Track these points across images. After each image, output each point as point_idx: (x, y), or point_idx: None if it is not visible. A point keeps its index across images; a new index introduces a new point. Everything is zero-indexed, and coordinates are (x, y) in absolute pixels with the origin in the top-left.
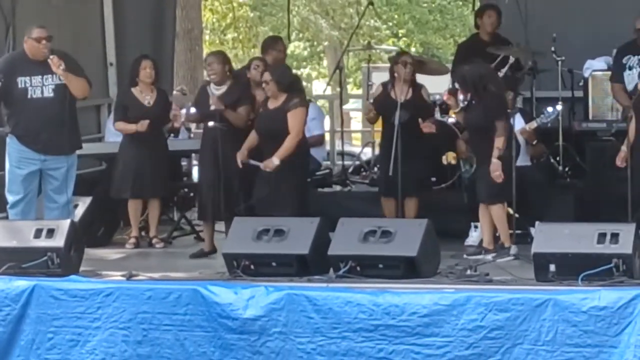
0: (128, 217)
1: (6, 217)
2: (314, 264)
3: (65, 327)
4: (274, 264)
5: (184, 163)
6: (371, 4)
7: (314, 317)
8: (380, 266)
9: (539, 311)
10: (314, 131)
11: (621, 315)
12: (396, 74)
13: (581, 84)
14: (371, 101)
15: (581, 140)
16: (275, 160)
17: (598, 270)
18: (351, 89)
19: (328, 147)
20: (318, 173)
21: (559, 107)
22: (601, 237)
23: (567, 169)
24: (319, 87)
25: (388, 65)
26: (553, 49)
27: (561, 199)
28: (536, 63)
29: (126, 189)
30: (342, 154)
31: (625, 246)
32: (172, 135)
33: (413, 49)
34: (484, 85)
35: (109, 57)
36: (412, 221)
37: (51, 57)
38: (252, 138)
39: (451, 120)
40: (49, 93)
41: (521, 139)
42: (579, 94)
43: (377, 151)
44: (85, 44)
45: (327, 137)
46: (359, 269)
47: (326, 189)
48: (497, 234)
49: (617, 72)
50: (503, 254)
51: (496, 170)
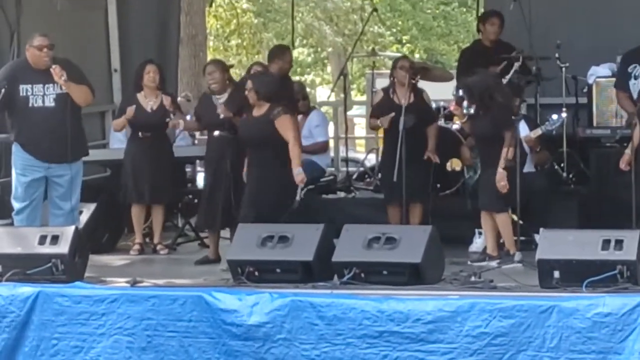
0: (132, 223)
1: (11, 224)
2: (319, 270)
3: (69, 334)
4: (278, 270)
5: (188, 169)
6: (375, 10)
7: (318, 324)
8: (385, 273)
9: (543, 318)
10: (318, 138)
11: (625, 322)
12: (396, 79)
13: (585, 90)
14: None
15: (585, 147)
16: (299, 171)
17: (602, 276)
18: (355, 95)
19: (332, 153)
20: (322, 179)
21: (563, 114)
22: (605, 243)
23: (571, 175)
24: (323, 93)
25: None
26: (557, 55)
27: (565, 205)
28: (540, 69)
29: (130, 193)
30: (347, 160)
31: (629, 253)
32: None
33: (417, 55)
34: (491, 95)
35: (114, 63)
36: (417, 228)
37: (53, 67)
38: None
39: (455, 126)
40: (50, 102)
41: (526, 145)
42: (583, 100)
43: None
44: (89, 50)
45: (331, 143)
46: (363, 275)
47: (330, 196)
48: (501, 241)
49: (621, 79)
50: (507, 260)
51: (502, 180)
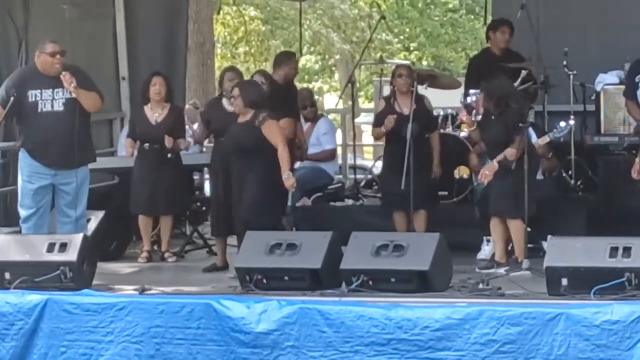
0: (140, 231)
1: (19, 232)
2: (327, 278)
3: (78, 341)
4: (286, 278)
5: (196, 177)
6: (383, 17)
7: (326, 331)
8: (393, 280)
9: (551, 325)
10: (326, 146)
11: (633, 329)
12: (396, 87)
13: (593, 97)
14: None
15: (593, 154)
16: (288, 176)
17: (610, 284)
18: (363, 103)
19: (340, 161)
20: (330, 187)
21: (571, 121)
22: (613, 251)
23: (579, 182)
24: (330, 100)
25: None
26: (565, 62)
27: (573, 212)
28: (548, 77)
29: (139, 205)
30: (354, 167)
31: (637, 260)
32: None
33: (424, 63)
34: (507, 102)
35: (122, 71)
36: (425, 235)
37: (63, 73)
38: None
39: (463, 134)
40: (59, 107)
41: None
42: (590, 107)
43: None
44: (97, 58)
45: (339, 150)
46: (371, 283)
47: (338, 203)
48: (510, 248)
49: (629, 88)
50: (515, 267)
51: (490, 171)
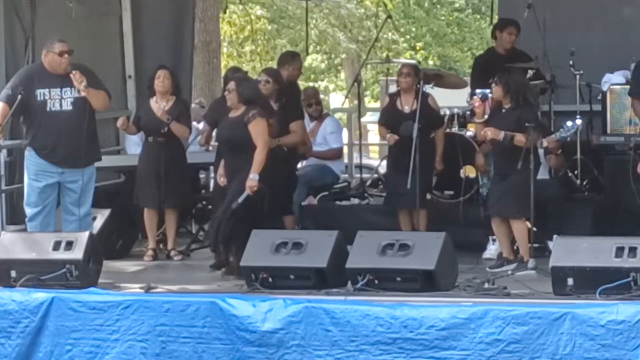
0: (146, 229)
1: (25, 230)
2: (332, 276)
3: (83, 339)
4: (292, 276)
5: (201, 175)
6: (389, 17)
7: (332, 330)
8: (398, 279)
9: (556, 325)
10: (333, 144)
11: (639, 329)
12: (400, 86)
13: (599, 97)
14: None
15: (599, 154)
16: (253, 177)
17: (616, 284)
18: (369, 102)
19: (346, 160)
20: (336, 186)
21: (578, 121)
22: (619, 251)
23: (585, 182)
24: (336, 99)
25: None
26: (571, 62)
27: (579, 212)
28: (554, 77)
29: (143, 198)
30: (360, 166)
31: None
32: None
33: (430, 62)
34: (524, 95)
35: (128, 69)
36: (430, 234)
37: (73, 72)
38: None
39: (469, 133)
40: (67, 106)
41: (541, 153)
42: (597, 107)
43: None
44: (104, 56)
45: (345, 150)
46: (376, 282)
47: (344, 202)
48: (515, 247)
49: (636, 86)
50: (521, 267)
51: (493, 134)
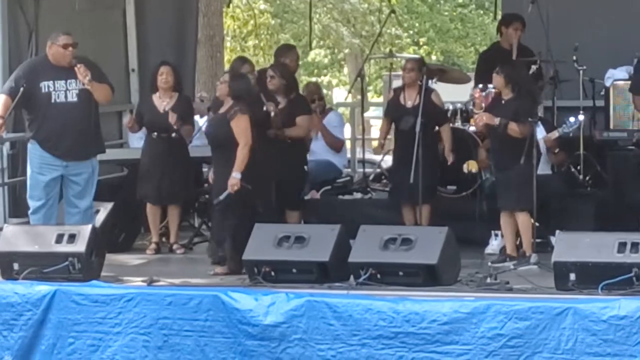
0: (149, 223)
1: (28, 223)
2: (335, 271)
3: (86, 332)
4: (294, 270)
5: (204, 169)
6: (393, 12)
7: (334, 324)
8: (401, 274)
9: (558, 320)
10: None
11: None
12: (403, 80)
13: (602, 93)
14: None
15: (602, 150)
16: (235, 175)
17: (618, 279)
18: (372, 97)
19: (349, 154)
20: (339, 180)
21: (581, 117)
22: (621, 246)
23: (587, 178)
24: (339, 94)
25: None
26: (575, 58)
27: (582, 208)
28: (557, 72)
29: (146, 192)
30: (363, 161)
31: None
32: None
33: (434, 57)
34: (526, 87)
35: (131, 63)
36: (433, 229)
37: (78, 66)
38: None
39: (472, 128)
40: (72, 98)
41: (543, 147)
42: (600, 103)
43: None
44: (107, 50)
45: (348, 144)
46: (379, 276)
47: (347, 196)
48: (518, 242)
49: (637, 83)
50: (524, 262)
51: (488, 119)
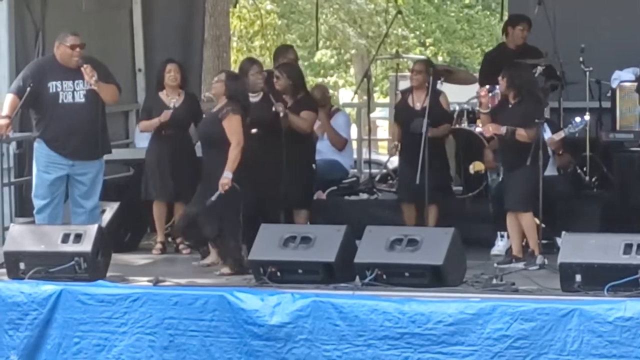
0: (155, 222)
1: (33, 222)
2: (340, 271)
3: (91, 332)
4: (300, 271)
5: None
6: (399, 12)
7: (339, 325)
8: (406, 274)
9: (564, 321)
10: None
11: None
12: (411, 83)
13: (609, 94)
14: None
15: (608, 151)
16: (227, 175)
17: (624, 281)
18: (378, 98)
19: (355, 155)
20: (345, 181)
21: (586, 117)
22: (627, 247)
23: (594, 179)
24: (346, 95)
25: None
26: (581, 59)
27: (588, 209)
28: (564, 73)
29: (152, 190)
30: (369, 162)
31: None
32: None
33: (440, 58)
34: (530, 90)
35: (138, 63)
36: (439, 230)
37: (84, 66)
38: None
39: (478, 129)
40: (80, 98)
41: (549, 148)
42: (606, 104)
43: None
44: (114, 50)
45: (354, 145)
46: (385, 277)
47: (353, 197)
48: (524, 243)
49: None
50: (533, 262)
51: (495, 130)
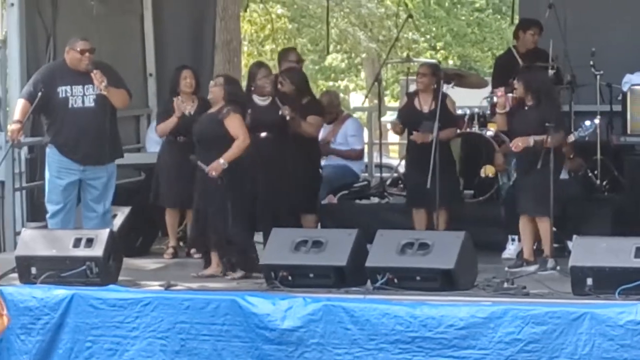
0: (166, 227)
1: (45, 227)
2: (352, 275)
3: (103, 337)
4: (311, 275)
5: None
6: (410, 16)
7: (351, 329)
8: (418, 278)
9: (575, 325)
10: (354, 146)
11: None
12: (417, 86)
13: (620, 98)
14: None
15: (619, 155)
16: (222, 162)
17: (635, 284)
18: (389, 101)
19: (366, 159)
20: (356, 185)
21: (596, 120)
22: (638, 251)
23: (604, 183)
24: (356, 99)
25: None
26: (592, 63)
27: (599, 212)
28: (575, 77)
29: (165, 197)
30: (380, 166)
31: None
32: None
33: (451, 62)
34: (547, 92)
35: (149, 68)
36: (450, 233)
37: (94, 71)
38: None
39: (489, 133)
40: (89, 103)
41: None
42: (617, 108)
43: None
44: (125, 54)
45: (365, 149)
46: (396, 280)
47: (364, 201)
48: (534, 247)
49: None
50: (543, 266)
51: (524, 143)
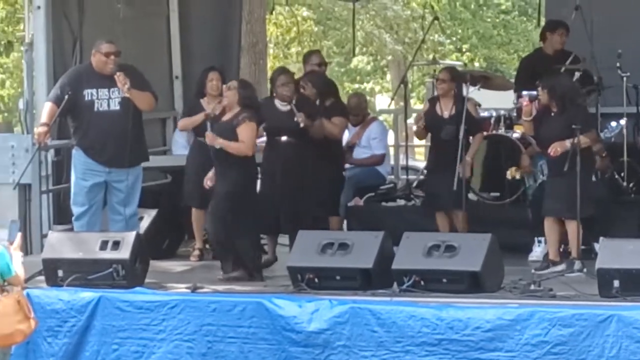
0: (192, 229)
1: (72, 229)
2: (378, 277)
3: (130, 339)
4: (338, 277)
5: None
6: (436, 18)
7: (377, 331)
8: (444, 281)
9: (602, 327)
10: (376, 150)
11: None
12: (438, 91)
13: None
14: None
15: None
16: (219, 140)
17: None
18: (414, 104)
19: (392, 161)
20: (382, 187)
21: (622, 121)
22: None
23: (631, 185)
24: (382, 101)
25: None
26: (618, 64)
27: (625, 215)
28: (601, 79)
29: (191, 197)
30: (407, 168)
31: None
32: None
33: (477, 64)
34: (572, 98)
35: (175, 70)
36: (476, 236)
37: (117, 74)
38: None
39: (515, 135)
40: (115, 106)
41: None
42: None
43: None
44: (151, 57)
45: (391, 151)
46: (422, 283)
47: (390, 203)
48: (561, 249)
49: None
50: (570, 268)
51: (562, 148)
